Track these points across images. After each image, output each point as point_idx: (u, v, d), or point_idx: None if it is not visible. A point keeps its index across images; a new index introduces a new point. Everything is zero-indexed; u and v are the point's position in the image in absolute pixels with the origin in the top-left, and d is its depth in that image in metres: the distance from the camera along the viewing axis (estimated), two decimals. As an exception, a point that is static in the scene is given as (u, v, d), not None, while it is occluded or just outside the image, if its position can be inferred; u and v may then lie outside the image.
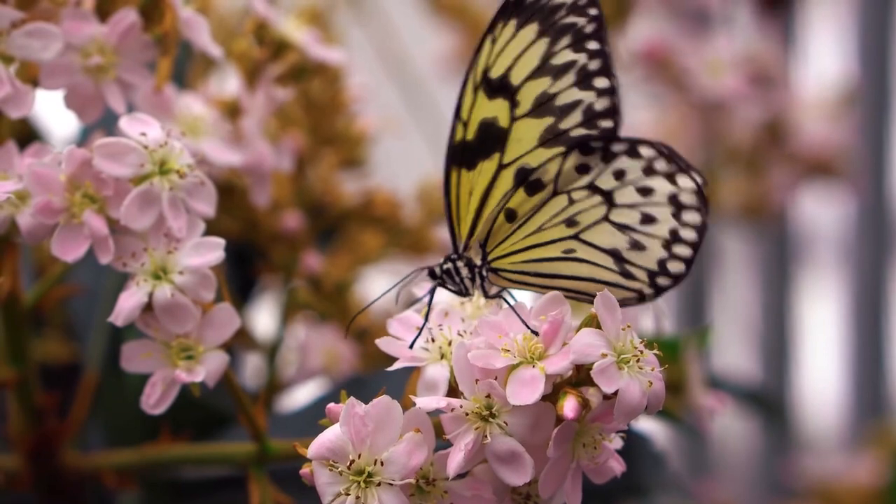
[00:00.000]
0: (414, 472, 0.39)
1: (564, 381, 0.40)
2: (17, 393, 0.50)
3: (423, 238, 0.65)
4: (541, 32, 0.41)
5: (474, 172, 0.42)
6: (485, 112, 0.42)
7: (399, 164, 0.69)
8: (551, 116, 0.41)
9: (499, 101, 0.42)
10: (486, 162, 0.42)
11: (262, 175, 0.52)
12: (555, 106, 0.41)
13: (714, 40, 0.83)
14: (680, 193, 0.42)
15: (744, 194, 0.89)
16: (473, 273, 0.42)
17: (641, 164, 0.41)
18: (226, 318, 0.43)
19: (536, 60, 0.41)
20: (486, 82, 0.42)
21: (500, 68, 0.42)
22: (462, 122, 0.42)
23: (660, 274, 0.42)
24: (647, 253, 0.42)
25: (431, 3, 0.84)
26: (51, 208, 0.43)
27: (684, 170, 0.41)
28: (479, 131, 0.42)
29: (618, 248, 0.42)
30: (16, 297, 0.47)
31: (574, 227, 0.42)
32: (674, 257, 0.42)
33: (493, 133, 0.42)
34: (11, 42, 0.44)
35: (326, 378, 0.60)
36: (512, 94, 0.42)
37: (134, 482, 0.50)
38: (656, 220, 0.42)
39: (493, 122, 0.42)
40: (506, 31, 0.42)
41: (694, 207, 0.42)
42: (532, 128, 0.42)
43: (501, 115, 0.42)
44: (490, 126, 0.42)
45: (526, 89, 0.41)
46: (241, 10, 0.67)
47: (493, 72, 0.42)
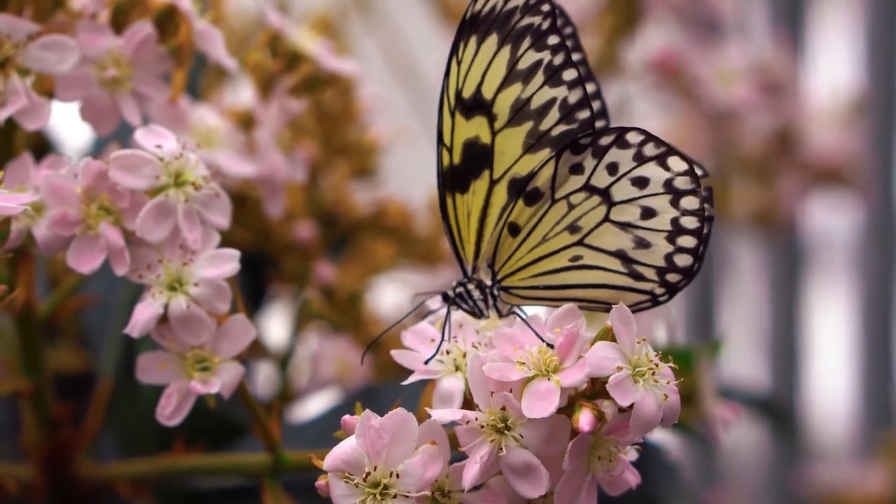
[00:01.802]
0: (429, 485, 0.39)
1: (579, 394, 0.40)
2: (31, 403, 0.50)
3: (435, 248, 0.65)
4: (501, 42, 0.41)
5: (468, 194, 0.42)
6: (465, 133, 0.42)
7: (411, 173, 0.69)
8: (530, 120, 0.42)
9: (477, 119, 0.42)
10: (478, 181, 0.42)
11: (275, 186, 0.52)
12: (531, 110, 0.41)
13: (725, 49, 0.83)
14: (674, 179, 0.41)
15: (754, 202, 0.89)
16: (485, 294, 0.42)
17: (632, 153, 0.41)
18: (241, 329, 0.43)
19: (504, 70, 0.41)
20: (460, 103, 0.42)
21: (470, 87, 0.42)
22: (446, 148, 0.42)
23: (668, 270, 0.42)
24: (653, 250, 0.42)
25: (442, 12, 0.84)
26: (67, 220, 0.43)
27: (674, 151, 0.41)
28: (464, 153, 0.42)
29: (623, 248, 0.42)
30: (31, 307, 0.47)
31: (577, 232, 0.42)
32: (680, 250, 0.42)
33: (477, 152, 0.42)
34: (28, 54, 0.44)
35: (338, 388, 0.60)
36: (488, 108, 0.42)
37: (148, 492, 0.50)
38: (656, 213, 0.41)
39: (476, 140, 0.42)
40: (468, 49, 0.42)
41: (690, 191, 0.41)
42: (514, 137, 0.42)
43: (482, 132, 0.42)
44: (473, 145, 0.42)
45: (500, 101, 0.42)
46: (254, 21, 0.68)
47: (465, 91, 0.42)
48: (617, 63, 0.78)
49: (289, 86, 0.52)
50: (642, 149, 0.41)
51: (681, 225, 0.42)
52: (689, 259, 0.42)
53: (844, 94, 0.91)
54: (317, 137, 0.60)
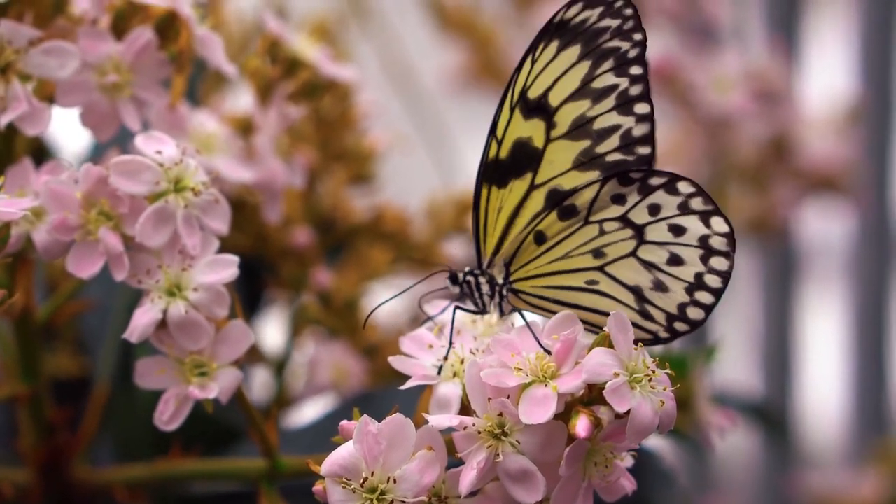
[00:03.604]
0: (426, 490, 0.39)
1: (576, 400, 0.40)
2: (28, 407, 0.50)
3: (432, 253, 0.65)
4: (583, 55, 0.41)
5: (505, 190, 0.42)
6: (520, 131, 0.42)
7: (408, 179, 0.69)
8: (588, 139, 0.41)
9: (535, 121, 0.41)
10: (518, 181, 0.42)
11: (274, 191, 0.52)
12: (592, 129, 0.41)
13: (720, 56, 0.83)
14: (711, 237, 0.41)
15: (749, 209, 0.89)
16: (494, 290, 0.42)
17: (678, 201, 0.41)
18: (239, 334, 0.43)
19: (577, 83, 0.41)
20: (523, 101, 0.42)
21: (538, 88, 0.41)
22: (496, 140, 0.42)
23: (678, 319, 0.42)
24: (670, 295, 0.42)
25: (439, 19, 0.85)
26: (66, 225, 0.43)
27: (719, 212, 0.41)
28: (512, 150, 0.42)
29: (641, 286, 0.42)
30: (29, 312, 0.47)
31: (601, 258, 0.42)
32: (695, 303, 0.42)
33: (526, 152, 0.42)
34: (29, 60, 0.45)
35: (335, 394, 0.60)
36: (549, 114, 0.41)
37: (145, 497, 0.50)
38: (683, 262, 0.41)
39: (528, 141, 0.42)
40: (547, 51, 0.41)
41: (723, 253, 0.41)
42: (567, 150, 0.41)
43: (536, 135, 0.41)
44: (524, 146, 0.42)
45: (564, 111, 0.41)
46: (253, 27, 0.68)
47: (532, 91, 0.41)
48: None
49: (288, 92, 0.52)
50: (690, 200, 0.41)
51: (704, 281, 0.41)
52: (702, 314, 0.42)
53: (839, 102, 0.91)
54: (315, 143, 0.60)
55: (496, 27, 0.84)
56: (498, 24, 0.84)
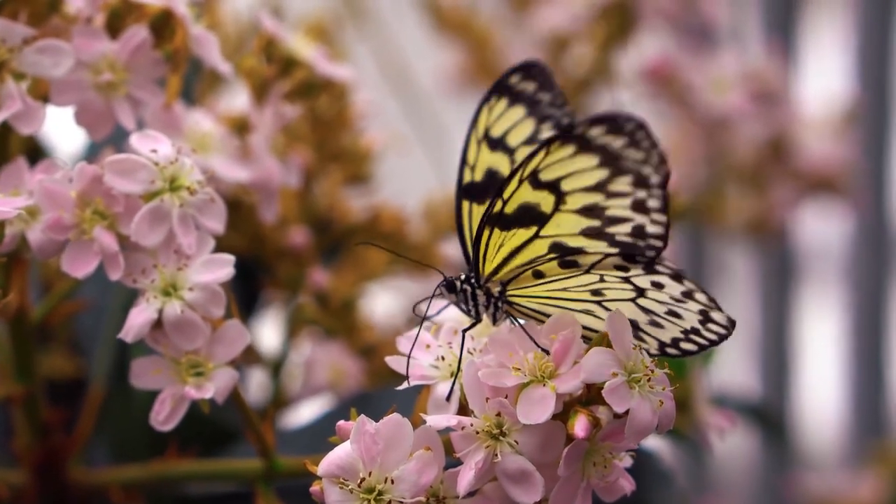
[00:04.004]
0: (424, 491, 0.39)
1: (575, 400, 0.40)
2: (23, 408, 0.50)
3: (428, 254, 0.65)
4: (600, 164, 0.40)
5: (508, 233, 0.41)
6: (527, 197, 0.41)
7: (404, 180, 0.69)
8: (599, 220, 0.41)
9: (544, 194, 0.41)
10: (523, 230, 0.41)
11: (270, 191, 0.52)
12: (604, 215, 0.40)
13: (718, 57, 0.83)
14: (710, 312, 0.42)
15: (746, 211, 0.89)
16: (490, 302, 0.42)
17: (682, 289, 0.41)
18: (235, 334, 0.43)
19: (593, 182, 0.40)
20: (533, 178, 0.41)
21: (552, 174, 0.41)
22: (502, 200, 0.41)
23: (671, 346, 0.42)
24: (665, 331, 0.42)
25: (435, 20, 0.84)
26: (61, 224, 0.43)
27: (718, 307, 0.41)
28: (518, 209, 0.41)
29: (637, 320, 0.42)
30: (24, 312, 0.47)
31: (599, 296, 0.42)
32: (689, 341, 0.42)
33: (532, 213, 0.41)
34: (23, 58, 0.44)
35: (332, 394, 0.60)
36: (560, 195, 0.41)
37: (140, 498, 0.50)
38: (682, 318, 0.42)
39: (535, 206, 0.41)
40: (562, 151, 0.41)
41: (721, 325, 0.42)
42: (576, 221, 0.41)
43: (545, 203, 0.41)
44: (531, 209, 0.41)
45: (575, 196, 0.41)
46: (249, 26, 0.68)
47: (543, 175, 0.41)
48: (610, 71, 0.78)
49: (283, 91, 0.52)
50: (694, 293, 0.41)
51: (700, 333, 0.42)
52: (695, 349, 0.42)
53: (837, 103, 0.91)
54: (311, 143, 0.60)
55: (493, 28, 0.84)
56: (494, 24, 0.84)
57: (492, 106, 0.44)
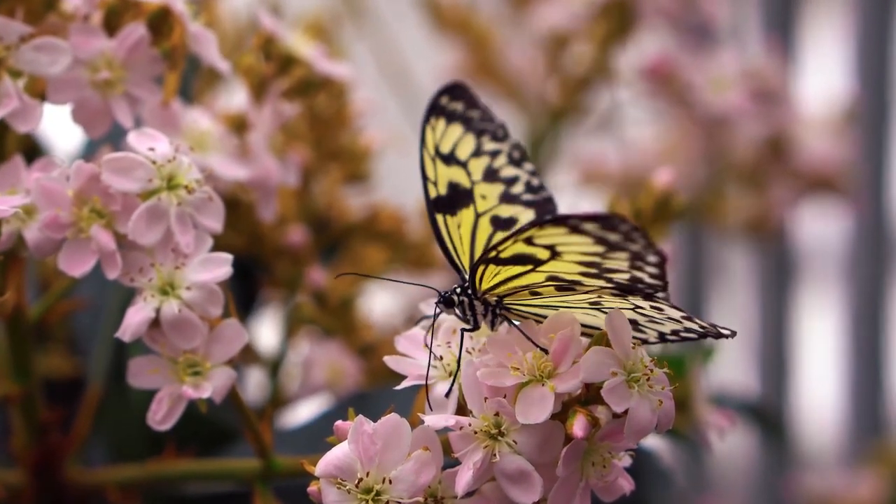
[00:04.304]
0: (422, 491, 0.39)
1: (574, 400, 0.39)
2: (20, 408, 0.49)
3: (427, 253, 0.65)
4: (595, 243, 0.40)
5: (504, 267, 0.41)
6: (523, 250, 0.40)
7: (403, 179, 0.69)
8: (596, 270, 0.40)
9: (540, 249, 0.40)
10: (519, 266, 0.41)
11: (268, 190, 0.51)
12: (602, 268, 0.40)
13: (718, 56, 0.83)
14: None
15: (746, 210, 0.89)
16: (487, 310, 0.42)
17: (681, 314, 0.41)
18: (233, 333, 0.43)
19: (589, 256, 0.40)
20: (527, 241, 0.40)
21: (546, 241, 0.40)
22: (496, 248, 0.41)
23: (671, 335, 0.42)
24: (663, 325, 0.42)
25: (435, 18, 0.84)
26: (58, 223, 0.43)
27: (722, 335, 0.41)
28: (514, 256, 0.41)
29: (636, 320, 0.41)
30: (21, 311, 0.47)
31: (597, 306, 0.41)
32: (687, 331, 0.42)
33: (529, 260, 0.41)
34: (20, 56, 0.44)
35: (330, 394, 0.60)
36: (555, 253, 0.40)
37: (138, 498, 0.50)
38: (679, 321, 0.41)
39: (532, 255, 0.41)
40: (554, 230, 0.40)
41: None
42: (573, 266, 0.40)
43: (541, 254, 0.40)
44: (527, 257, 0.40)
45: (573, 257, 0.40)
46: (247, 24, 0.68)
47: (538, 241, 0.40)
48: (609, 70, 0.78)
49: (282, 89, 0.52)
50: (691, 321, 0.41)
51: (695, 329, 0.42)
52: (694, 336, 0.42)
53: (836, 102, 0.91)
54: (309, 142, 0.60)
55: (492, 26, 0.83)
56: (494, 23, 0.84)
57: (433, 125, 0.46)
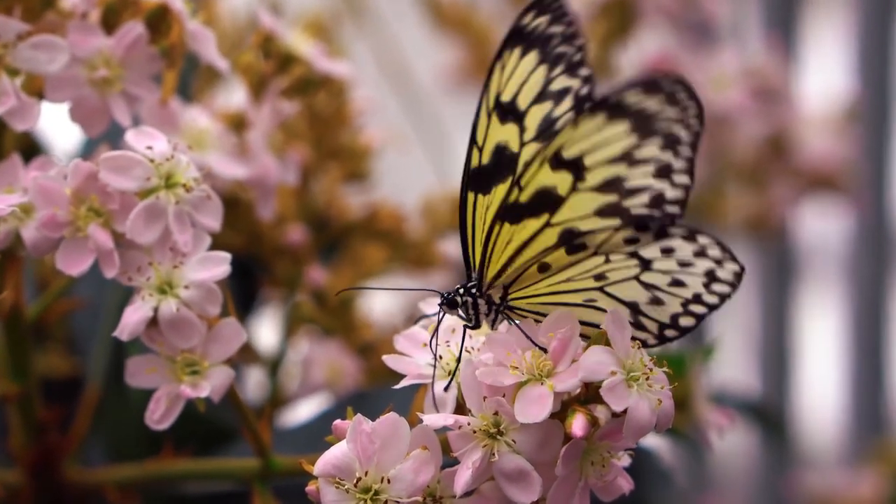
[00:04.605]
0: (421, 490, 0.39)
1: (573, 399, 0.39)
2: (18, 407, 0.49)
3: (427, 252, 0.65)
4: (630, 131, 0.40)
5: (518, 226, 0.41)
6: (545, 180, 0.41)
7: (403, 177, 0.69)
8: (616, 194, 0.40)
9: (563, 174, 0.40)
10: (533, 220, 0.41)
11: (267, 188, 0.51)
12: (623, 187, 0.40)
13: (718, 54, 0.82)
14: (718, 270, 0.41)
15: (746, 208, 0.88)
16: (491, 310, 0.42)
17: (694, 248, 0.41)
18: (231, 332, 0.43)
19: (619, 152, 0.40)
20: (555, 158, 0.40)
21: (575, 149, 0.40)
22: (518, 186, 0.41)
23: (670, 327, 0.42)
24: (664, 308, 0.41)
25: (435, 17, 0.84)
26: (56, 222, 0.42)
27: (735, 259, 0.41)
28: (534, 195, 0.41)
29: (638, 301, 0.41)
30: (19, 310, 0.47)
31: (602, 280, 0.41)
32: (688, 314, 0.41)
33: (548, 198, 0.41)
34: (17, 54, 0.44)
35: (329, 393, 0.60)
36: (580, 170, 0.40)
37: (136, 497, 0.50)
38: (685, 285, 0.41)
39: (552, 189, 0.41)
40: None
41: (727, 282, 0.41)
42: (591, 200, 0.40)
43: (562, 185, 0.40)
44: (547, 193, 0.41)
45: (597, 171, 0.40)
46: (246, 22, 0.67)
47: (567, 151, 0.40)
48: (610, 68, 0.78)
49: (281, 88, 0.52)
50: (707, 248, 0.41)
51: (701, 298, 0.41)
52: (693, 322, 0.42)
53: (837, 101, 0.91)
54: (309, 140, 0.60)
55: (492, 24, 0.83)
56: (494, 21, 0.84)
57: (504, 62, 0.43)
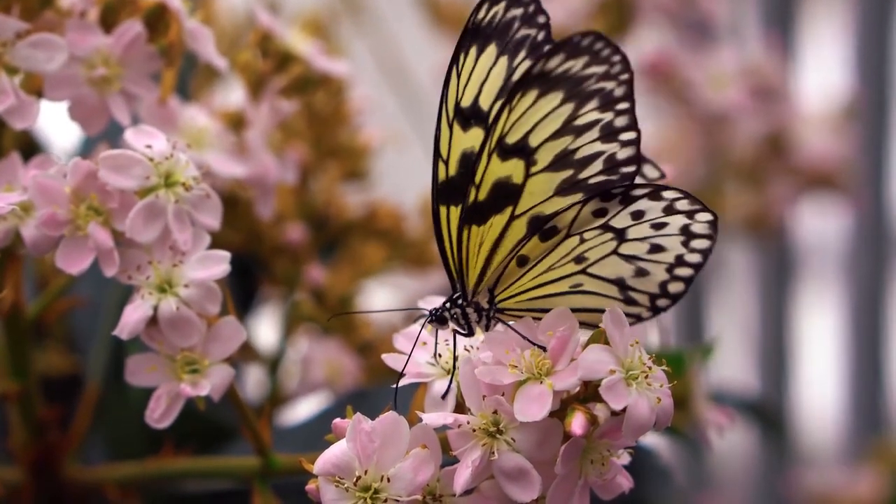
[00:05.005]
0: (420, 489, 0.39)
1: (572, 397, 0.39)
2: (18, 406, 0.49)
3: (426, 251, 0.65)
4: (564, 100, 0.40)
5: (485, 227, 0.41)
6: (498, 172, 0.41)
7: (402, 176, 0.69)
8: (570, 169, 0.40)
9: (513, 161, 0.41)
10: (498, 216, 0.41)
11: (266, 187, 0.51)
12: (574, 159, 0.40)
13: (717, 53, 0.82)
14: (693, 224, 0.41)
15: (745, 207, 0.88)
16: (481, 316, 0.42)
17: (662, 205, 0.41)
18: (231, 331, 0.43)
19: (559, 124, 0.40)
20: (500, 146, 0.41)
21: (518, 133, 0.40)
22: (475, 186, 0.41)
23: (660, 296, 0.42)
24: (651, 278, 0.42)
25: (433, 15, 0.84)
26: (55, 220, 0.42)
27: (706, 208, 0.41)
28: (491, 190, 0.41)
29: (623, 276, 0.41)
30: (19, 309, 0.47)
31: (582, 262, 0.41)
32: (675, 279, 0.42)
33: (506, 190, 0.41)
34: (16, 53, 0.44)
35: (329, 391, 0.60)
36: (529, 153, 0.40)
37: (136, 496, 0.50)
38: (664, 249, 0.41)
39: (507, 180, 0.41)
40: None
41: (704, 235, 0.41)
42: (548, 181, 0.41)
43: (516, 173, 0.41)
44: (504, 185, 0.41)
45: (545, 148, 0.40)
46: (245, 21, 0.67)
47: (510, 137, 0.41)
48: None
49: (279, 86, 0.52)
50: (674, 203, 0.41)
51: (684, 259, 0.41)
52: (682, 287, 0.42)
53: (836, 99, 0.91)
54: (308, 139, 0.60)
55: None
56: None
57: (461, 67, 0.42)
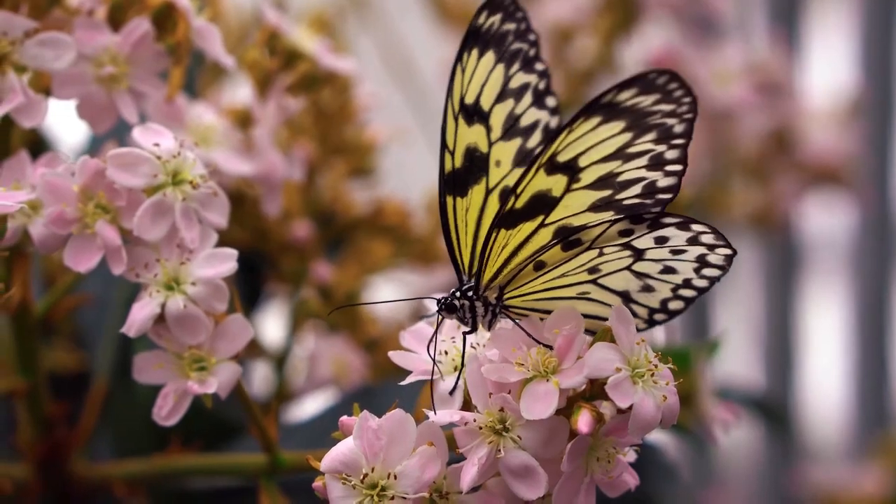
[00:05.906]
0: (427, 486, 0.39)
1: (578, 395, 0.39)
2: (26, 402, 0.50)
3: (432, 247, 0.65)
4: (625, 129, 0.40)
5: (513, 231, 0.42)
6: (540, 185, 0.41)
7: (408, 173, 0.69)
8: (610, 189, 0.41)
9: (558, 177, 0.41)
10: (528, 223, 0.41)
11: (273, 184, 0.51)
12: (616, 181, 0.41)
13: (722, 49, 0.82)
14: (710, 255, 0.41)
15: (750, 203, 0.88)
16: (488, 312, 0.42)
17: (688, 235, 0.41)
18: (238, 329, 0.43)
19: (613, 149, 0.41)
20: (549, 163, 0.41)
21: (570, 153, 0.41)
22: (515, 195, 0.41)
23: (659, 311, 0.42)
24: (655, 294, 0.42)
25: (438, 12, 0.84)
26: (64, 218, 0.43)
27: (728, 245, 0.41)
28: (530, 200, 0.41)
29: (629, 290, 0.42)
30: (27, 306, 0.47)
31: (595, 273, 0.42)
32: (677, 298, 0.42)
33: (542, 202, 0.41)
34: (24, 51, 0.44)
35: (335, 388, 0.60)
36: (575, 171, 0.41)
37: (143, 492, 0.50)
38: (676, 272, 0.42)
39: (547, 193, 0.41)
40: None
41: (718, 266, 0.42)
42: (585, 197, 0.41)
43: (557, 187, 0.41)
44: (542, 197, 0.41)
45: (591, 170, 0.41)
46: (252, 19, 0.68)
47: (561, 156, 0.41)
48: (614, 63, 0.78)
49: (286, 84, 0.52)
50: (700, 236, 0.41)
51: (691, 283, 0.42)
52: (682, 305, 0.42)
53: (841, 95, 0.91)
54: (314, 136, 0.60)
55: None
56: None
57: (464, 64, 0.43)
